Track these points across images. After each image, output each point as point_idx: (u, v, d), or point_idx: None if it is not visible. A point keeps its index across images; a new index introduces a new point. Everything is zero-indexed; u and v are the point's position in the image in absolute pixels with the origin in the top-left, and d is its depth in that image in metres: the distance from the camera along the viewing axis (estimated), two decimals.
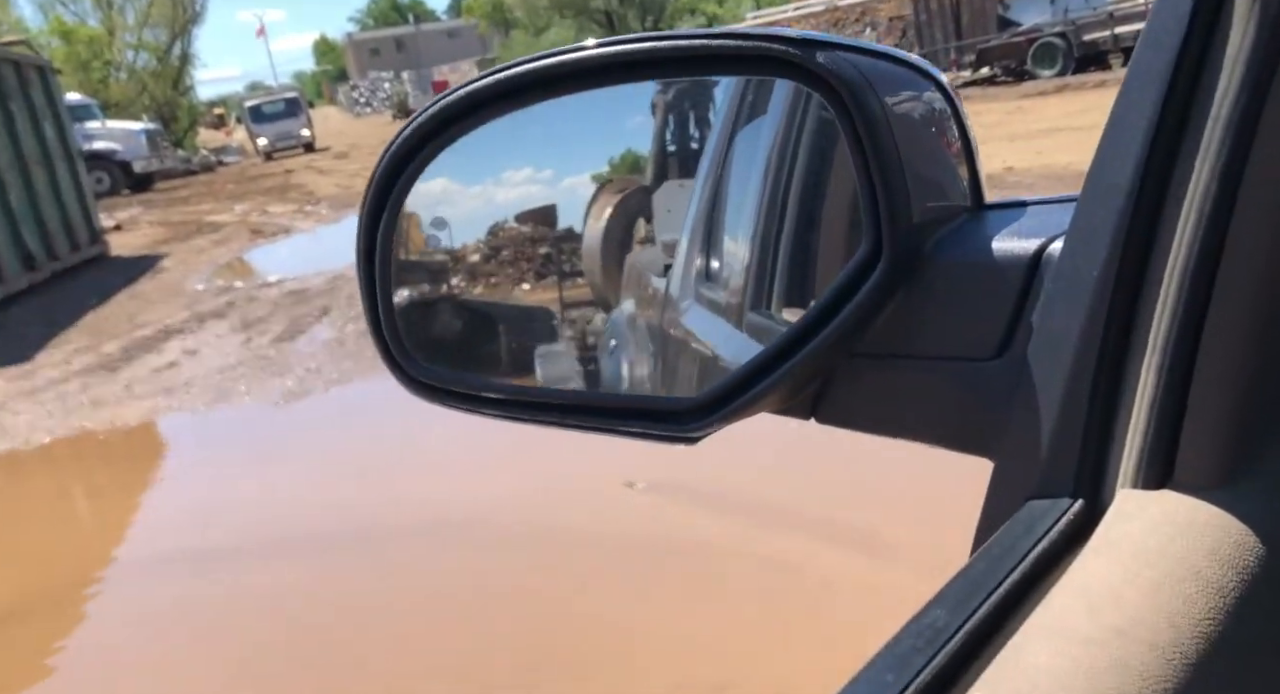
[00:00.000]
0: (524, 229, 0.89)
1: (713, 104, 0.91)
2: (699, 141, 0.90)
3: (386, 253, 0.76)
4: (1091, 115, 11.52)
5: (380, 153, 0.72)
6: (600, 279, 0.94)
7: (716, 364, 0.92)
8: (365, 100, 74.53)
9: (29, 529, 4.82)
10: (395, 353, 0.77)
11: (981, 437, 0.54)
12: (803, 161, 0.80)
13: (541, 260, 0.92)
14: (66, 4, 44.79)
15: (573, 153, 0.81)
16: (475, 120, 0.72)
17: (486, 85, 0.70)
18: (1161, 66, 0.43)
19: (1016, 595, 0.41)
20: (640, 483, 4.03)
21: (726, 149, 0.92)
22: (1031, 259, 0.53)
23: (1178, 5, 0.43)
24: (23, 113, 11.62)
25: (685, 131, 0.90)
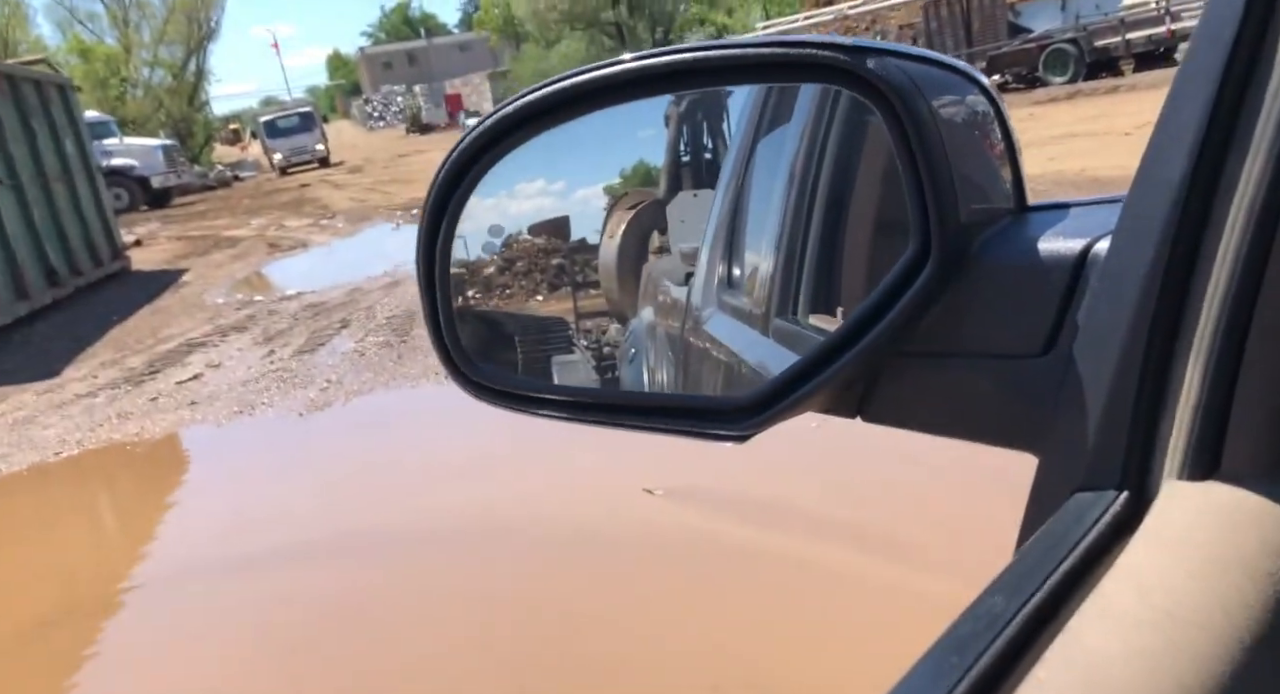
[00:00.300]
0: (538, 241, 0.90)
1: (726, 115, 0.92)
2: (712, 152, 0.91)
3: (445, 263, 0.79)
4: (1104, 121, 11.54)
5: (438, 166, 0.75)
6: (617, 291, 0.95)
7: (743, 369, 0.93)
8: (378, 114, 74.94)
9: (60, 540, 4.92)
10: (456, 358, 0.79)
11: (1027, 432, 0.55)
12: (828, 169, 0.81)
13: (555, 272, 0.93)
14: (84, 23, 45.34)
15: (585, 165, 0.82)
16: (533, 129, 0.73)
17: (546, 95, 0.71)
18: (1213, 64, 0.43)
19: (1069, 582, 0.42)
20: (659, 489, 4.09)
21: (748, 159, 0.93)
22: (1077, 258, 0.54)
23: (1230, 4, 0.43)
24: (44, 130, 11.80)
25: (699, 142, 0.90)
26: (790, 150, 0.87)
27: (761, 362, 0.86)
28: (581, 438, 4.70)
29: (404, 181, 23.73)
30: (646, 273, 0.94)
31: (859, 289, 0.77)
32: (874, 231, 0.77)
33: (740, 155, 0.94)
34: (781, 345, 0.83)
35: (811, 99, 0.84)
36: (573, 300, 0.95)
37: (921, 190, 0.58)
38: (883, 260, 0.73)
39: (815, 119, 0.82)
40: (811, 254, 0.82)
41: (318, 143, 37.39)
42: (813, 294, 0.81)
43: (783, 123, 0.88)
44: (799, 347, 0.78)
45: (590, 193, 0.88)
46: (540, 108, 0.71)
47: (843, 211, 0.78)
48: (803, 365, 0.63)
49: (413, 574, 3.85)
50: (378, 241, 14.64)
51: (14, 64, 13.34)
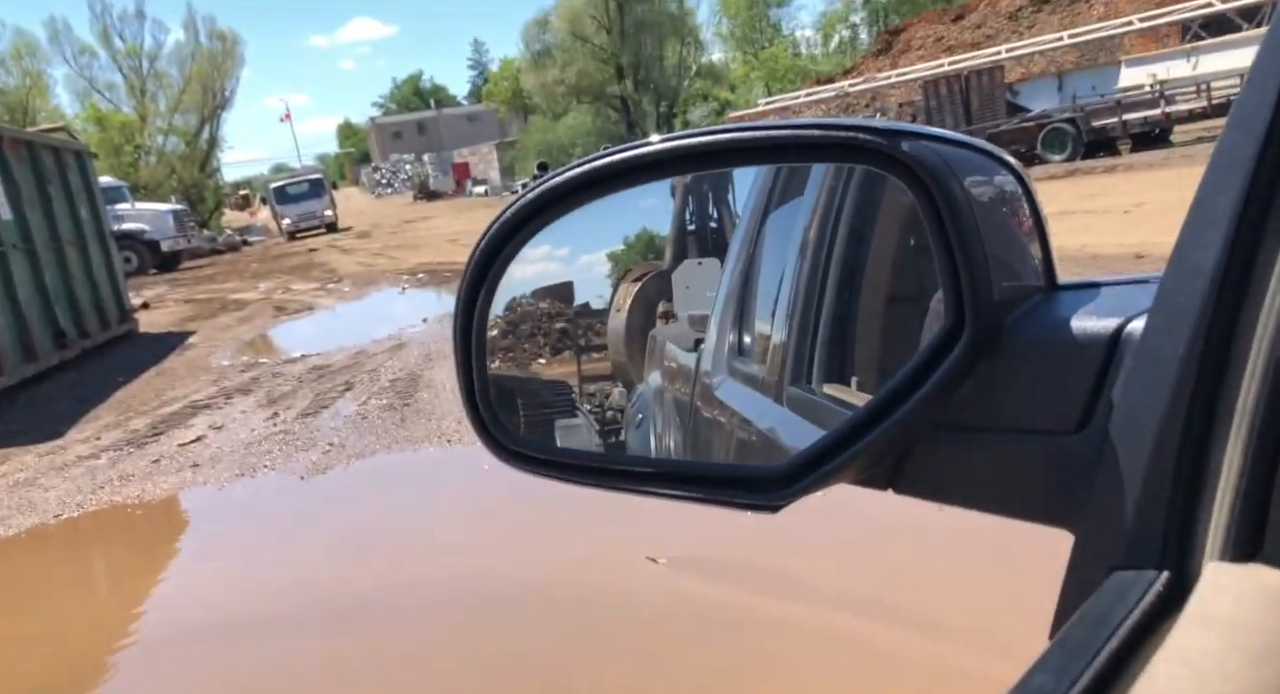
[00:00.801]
0: (542, 305, 0.92)
1: (732, 186, 0.94)
2: (718, 222, 0.93)
3: (482, 331, 0.81)
4: (1102, 199, 11.72)
5: (478, 237, 0.78)
6: (625, 359, 0.97)
7: (756, 437, 0.95)
8: (387, 181, 76.14)
9: (53, 607, 4.86)
10: (488, 424, 0.81)
11: (1062, 509, 0.55)
12: (841, 241, 0.83)
13: (558, 336, 0.95)
14: (103, 92, 46.44)
15: (589, 231, 0.82)
16: (571, 204, 0.76)
17: (586, 171, 0.74)
18: (1246, 153, 0.44)
19: (1117, 663, 0.41)
20: (662, 558, 4.06)
21: (759, 230, 0.96)
22: (1110, 338, 0.55)
23: (1264, 89, 0.44)
24: (60, 195, 12.00)
25: (705, 212, 0.93)
26: (803, 223, 0.89)
27: (776, 429, 0.88)
28: (583, 504, 4.68)
29: (410, 247, 24.00)
30: (653, 338, 0.96)
31: (873, 359, 0.80)
32: (887, 302, 0.79)
33: (751, 227, 0.96)
34: (796, 414, 0.84)
35: (825, 173, 0.86)
36: (576, 364, 0.96)
37: (955, 268, 0.60)
38: (897, 331, 0.76)
39: (829, 193, 0.85)
40: (825, 323, 0.83)
41: (326, 208, 37.94)
42: (827, 363, 0.83)
43: (794, 196, 0.90)
44: (814, 415, 0.79)
45: (594, 259, 0.90)
46: (583, 182, 0.74)
47: (856, 282, 0.80)
48: (836, 436, 0.64)
49: (406, 643, 3.80)
50: (384, 305, 14.76)
51: (34, 131, 13.62)
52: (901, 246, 0.78)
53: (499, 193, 49.71)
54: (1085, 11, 36.17)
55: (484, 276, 0.78)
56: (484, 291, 0.79)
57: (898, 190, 0.73)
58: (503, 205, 0.80)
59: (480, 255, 0.78)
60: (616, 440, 0.95)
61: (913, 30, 42.69)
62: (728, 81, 59.17)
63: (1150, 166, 16.04)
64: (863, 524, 3.93)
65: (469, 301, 0.79)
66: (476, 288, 0.79)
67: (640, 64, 53.11)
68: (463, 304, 0.79)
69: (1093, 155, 19.05)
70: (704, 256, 0.92)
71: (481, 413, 0.81)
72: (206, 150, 47.58)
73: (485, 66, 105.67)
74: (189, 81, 46.41)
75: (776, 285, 0.94)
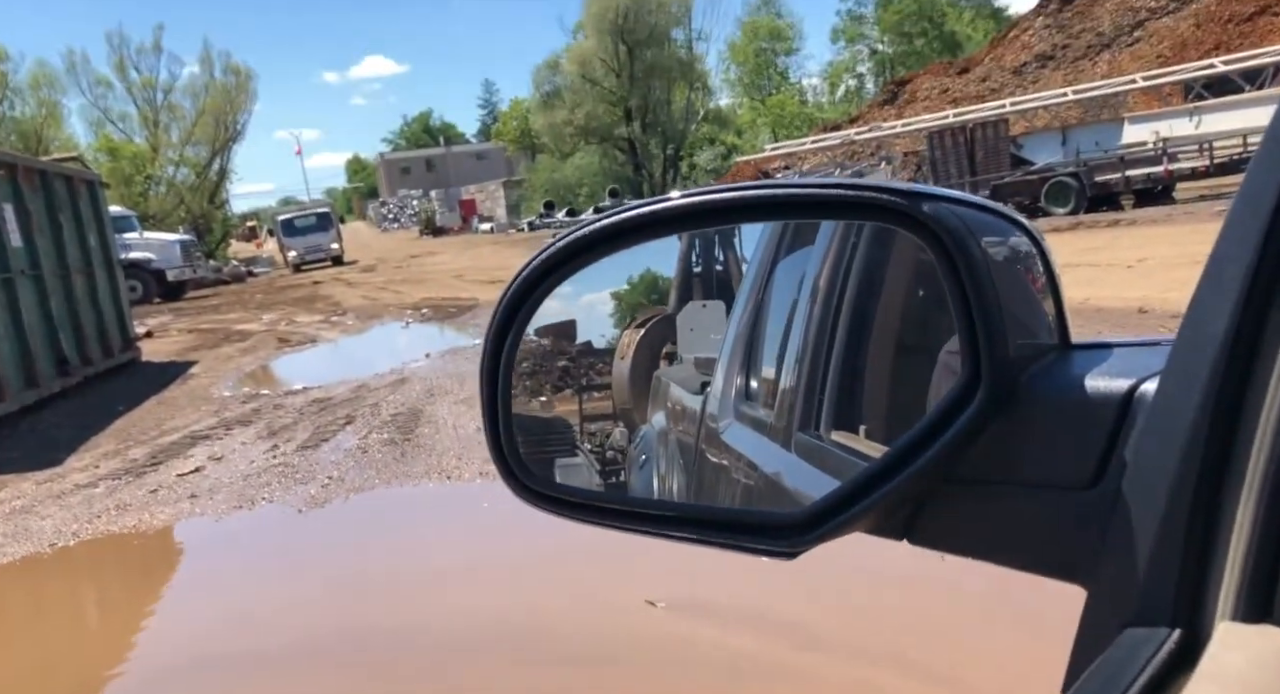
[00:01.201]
0: (544, 342, 0.92)
1: (737, 231, 0.96)
2: (724, 264, 0.94)
3: (508, 375, 0.83)
4: (1105, 253, 11.80)
5: (507, 282, 0.80)
6: (630, 406, 0.97)
7: (764, 482, 0.96)
8: (393, 216, 76.71)
9: (43, 638, 4.81)
10: (512, 464, 0.82)
11: (1074, 563, 0.57)
12: (851, 292, 0.84)
13: (559, 374, 0.96)
14: (116, 122, 46.97)
15: (593, 271, 0.83)
16: (597, 254, 0.78)
17: (614, 223, 0.76)
18: (1258, 221, 0.46)
19: None
20: (661, 602, 4.03)
21: (768, 277, 0.97)
22: (1123, 397, 0.57)
23: (1274, 160, 0.46)
24: (70, 224, 12.10)
25: (710, 255, 0.94)
26: (813, 271, 0.91)
27: (783, 475, 0.89)
28: (581, 544, 4.66)
29: (415, 282, 24.10)
30: (657, 379, 0.96)
31: (881, 407, 0.82)
32: (896, 351, 0.80)
33: (760, 272, 0.97)
34: (804, 460, 0.84)
35: (834, 227, 0.88)
36: (578, 403, 0.97)
37: (972, 325, 0.61)
38: (905, 380, 0.78)
39: (840, 242, 0.86)
40: (835, 371, 0.85)
41: (333, 242, 38.20)
42: (835, 410, 0.84)
43: (804, 244, 0.92)
44: (822, 462, 0.80)
45: (597, 298, 0.91)
46: (610, 233, 0.77)
47: (866, 331, 0.82)
48: (853, 486, 0.65)
49: (394, 683, 3.75)
50: (387, 340, 14.79)
51: (49, 161, 13.78)
52: (910, 297, 0.80)
53: (504, 230, 50.04)
54: (1089, 68, 36.69)
55: (510, 322, 0.80)
56: (511, 336, 0.81)
57: (909, 243, 0.74)
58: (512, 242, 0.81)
59: (508, 301, 0.79)
60: (617, 481, 0.96)
61: (918, 81, 43.25)
62: (734, 126, 59.84)
63: (1153, 222, 16.16)
64: (860, 568, 3.91)
65: (496, 345, 0.81)
66: (504, 333, 0.80)
67: (648, 107, 53.75)
68: (490, 347, 0.81)
69: (1096, 210, 19.18)
70: (709, 299, 0.93)
71: (506, 454, 0.82)
72: (216, 182, 48.02)
73: (495, 106, 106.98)
74: (201, 114, 46.96)
75: (785, 331, 0.96)
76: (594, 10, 51.54)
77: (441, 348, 12.18)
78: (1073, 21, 39.68)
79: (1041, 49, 39.68)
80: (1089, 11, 39.47)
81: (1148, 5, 37.61)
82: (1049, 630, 0.57)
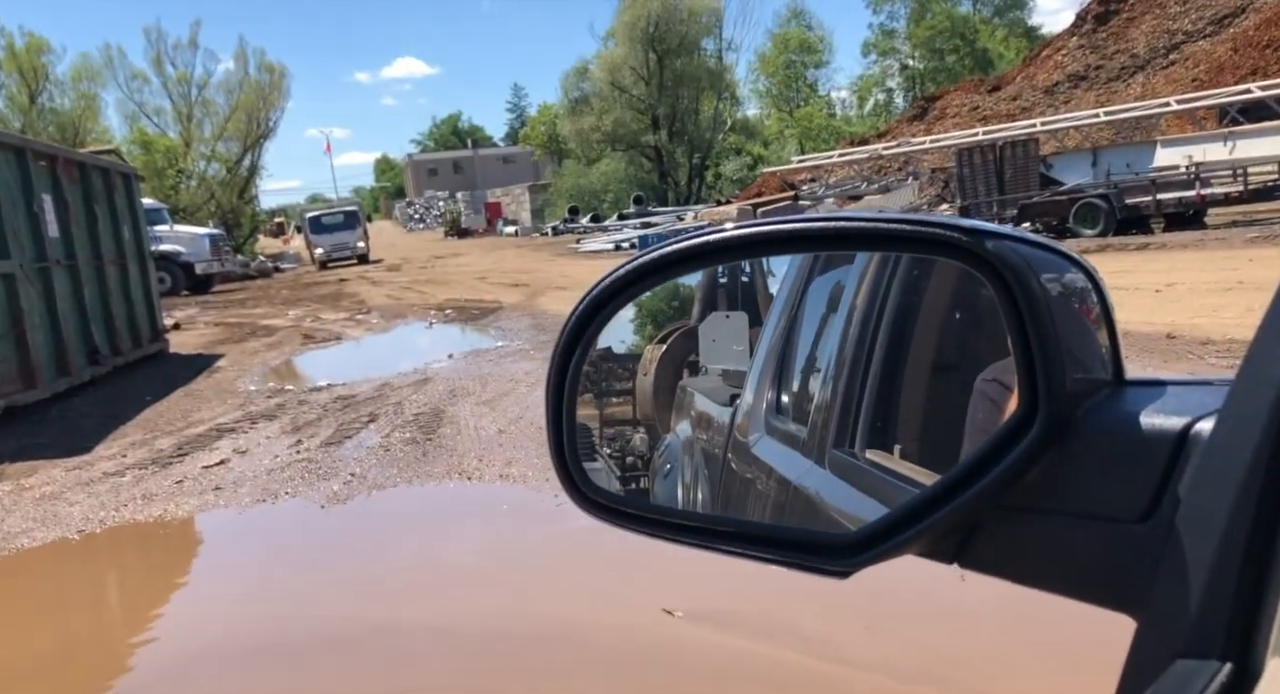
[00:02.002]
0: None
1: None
2: (749, 275, 0.97)
3: (574, 387, 0.85)
4: (1134, 277, 11.70)
5: (578, 300, 0.82)
6: (654, 418, 1.01)
7: (796, 497, 0.98)
8: (419, 217, 77.19)
9: (67, 623, 4.89)
10: (574, 473, 0.85)
11: (1125, 594, 0.58)
12: (889, 314, 0.87)
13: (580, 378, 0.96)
14: (151, 116, 47.54)
15: None
16: (663, 277, 0.81)
17: (684, 249, 0.78)
18: None
19: None
20: (679, 611, 4.05)
21: (802, 293, 0.99)
22: (1178, 435, 0.58)
23: None
24: (105, 215, 12.27)
25: (736, 266, 0.96)
26: (850, 290, 0.92)
27: (817, 492, 0.91)
28: (600, 550, 4.69)
29: (439, 282, 24.24)
30: (682, 389, 0.99)
31: (916, 428, 0.84)
32: (931, 376, 0.82)
33: (794, 289, 0.99)
34: (839, 477, 0.86)
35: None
36: (598, 408, 0.99)
37: (1031, 359, 0.63)
38: (941, 404, 0.80)
39: (879, 263, 0.88)
40: (870, 390, 0.87)
41: (359, 240, 38.49)
42: (870, 429, 0.86)
43: (841, 262, 0.94)
44: (857, 480, 0.82)
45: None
46: (675, 259, 0.79)
47: (902, 353, 0.84)
48: (907, 509, 0.68)
49: (407, 679, 3.79)
50: (411, 339, 14.89)
51: (87, 153, 13.97)
52: (948, 321, 0.82)
53: (528, 233, 50.17)
54: (1122, 90, 36.40)
55: (578, 339, 0.83)
56: (578, 353, 0.84)
57: (949, 268, 0.76)
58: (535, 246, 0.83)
59: (578, 317, 0.83)
60: (637, 487, 0.98)
61: (948, 98, 43.08)
62: (761, 137, 59.84)
63: (1183, 247, 16.01)
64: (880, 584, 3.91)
65: (563, 360, 0.84)
66: (570, 350, 0.83)
67: (676, 116, 53.86)
68: (557, 361, 0.84)
69: (1125, 232, 19.01)
70: (733, 310, 0.95)
71: (568, 464, 0.85)
72: (246, 177, 48.49)
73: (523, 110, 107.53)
74: (235, 110, 47.45)
75: (820, 348, 0.97)
76: (625, 18, 51.74)
77: (464, 349, 12.26)
78: (1107, 42, 39.42)
79: (1074, 69, 39.44)
80: (1124, 33, 39.21)
81: (1184, 28, 37.32)
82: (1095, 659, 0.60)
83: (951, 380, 0.79)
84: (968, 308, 0.78)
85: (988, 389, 0.70)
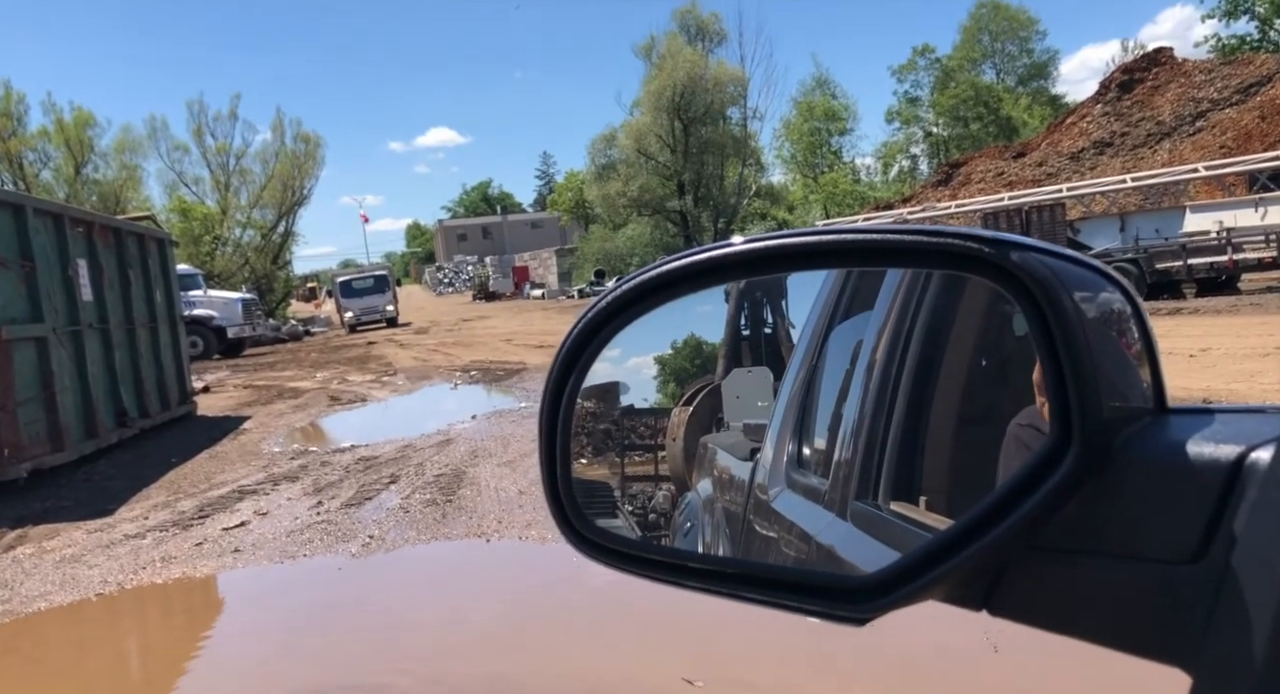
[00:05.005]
0: (587, 404, 0.90)
1: (785, 292, 0.94)
2: (772, 328, 0.93)
3: (568, 424, 0.82)
4: (1166, 342, 11.41)
5: (567, 330, 0.78)
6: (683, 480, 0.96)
7: (816, 551, 0.93)
8: (449, 280, 78.35)
9: (83, 682, 4.83)
10: (569, 512, 0.81)
11: (1174, 645, 0.52)
12: (911, 360, 0.82)
13: (601, 436, 0.95)
14: (189, 185, 48.89)
15: (640, 333, 0.82)
16: (664, 297, 0.76)
17: (684, 265, 0.73)
18: None
19: None
20: (699, 681, 3.92)
21: (822, 342, 0.96)
22: (1231, 466, 0.52)
23: None
24: (139, 280, 12.51)
25: (759, 317, 0.93)
26: (872, 338, 0.89)
27: (838, 545, 0.86)
28: (621, 613, 4.58)
29: (466, 345, 24.41)
30: (704, 445, 0.95)
31: (943, 479, 0.78)
32: (958, 424, 0.77)
33: (814, 338, 0.96)
34: (861, 530, 0.82)
35: (896, 290, 0.86)
36: (620, 466, 0.96)
37: (1063, 381, 0.58)
38: (970, 452, 0.74)
39: (901, 310, 0.84)
40: (894, 440, 0.82)
41: (388, 304, 39.09)
42: (894, 480, 0.81)
43: (860, 310, 0.90)
44: (880, 532, 0.77)
45: (642, 361, 0.90)
46: (675, 277, 0.74)
47: (927, 401, 0.79)
48: (929, 549, 0.61)
49: None
50: (435, 400, 14.92)
51: (122, 219, 14.33)
52: (973, 368, 0.78)
53: (555, 296, 50.68)
54: (1148, 156, 36.53)
55: (574, 363, 0.79)
56: (573, 378, 0.79)
57: (974, 309, 0.72)
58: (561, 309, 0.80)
59: (573, 341, 0.78)
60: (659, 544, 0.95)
61: (973, 164, 43.40)
62: (786, 202, 60.40)
63: (1217, 312, 15.81)
64: (897, 650, 3.77)
65: (558, 385, 0.80)
66: (566, 374, 0.79)
67: (701, 181, 54.53)
68: (551, 387, 0.80)
69: (1156, 297, 18.85)
70: (756, 364, 0.92)
71: (564, 503, 0.81)
72: (280, 243, 49.52)
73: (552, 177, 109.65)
74: (270, 179, 48.69)
75: (841, 397, 0.94)
76: (651, 88, 52.81)
77: (488, 410, 12.25)
78: (1132, 110, 39.69)
79: (1100, 136, 39.67)
80: (1149, 101, 39.48)
81: (1209, 96, 37.53)
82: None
83: (981, 428, 0.74)
84: (995, 353, 0.74)
85: (1022, 434, 0.64)
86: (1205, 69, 39.51)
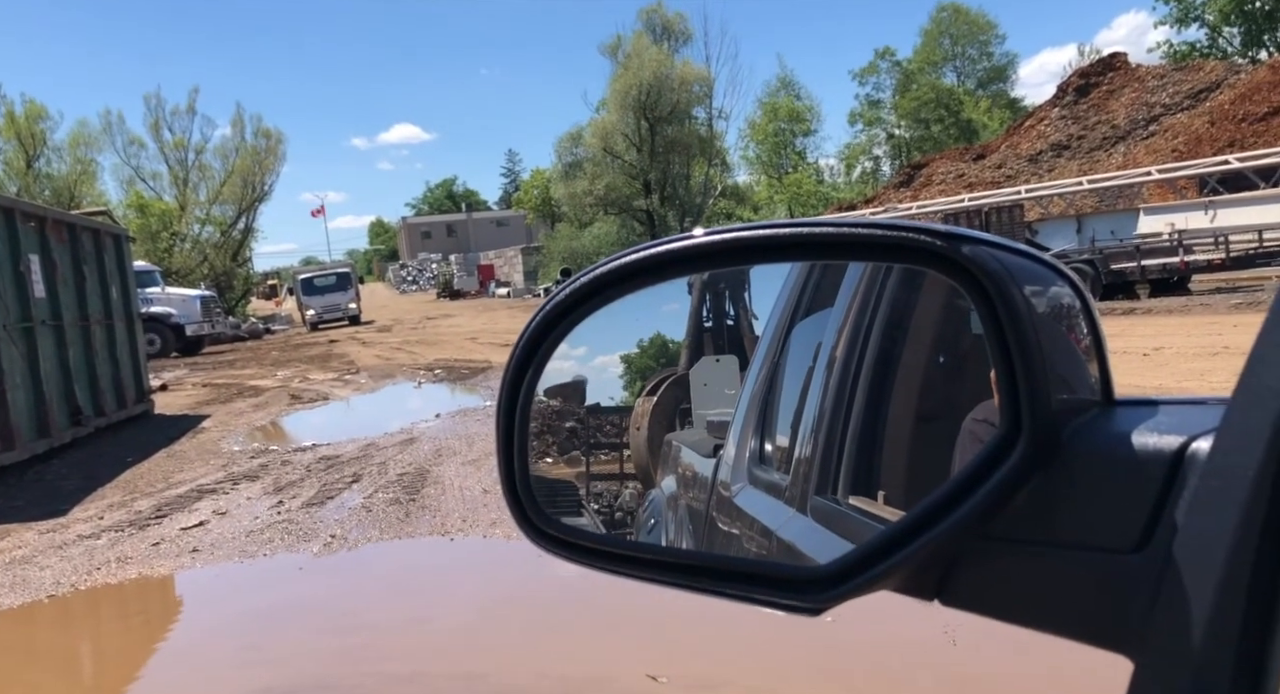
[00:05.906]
0: (553, 403, 0.91)
1: (747, 284, 0.96)
2: (734, 319, 0.94)
3: (525, 418, 0.81)
4: (1120, 341, 11.75)
5: (521, 329, 0.78)
6: (647, 471, 0.97)
7: (777, 546, 0.94)
8: (412, 278, 77.69)
9: (35, 686, 4.73)
10: (526, 506, 0.81)
11: (1119, 632, 0.53)
12: (870, 357, 0.83)
13: (567, 434, 0.96)
14: (147, 180, 48.00)
15: (607, 333, 0.82)
16: (624, 289, 0.76)
17: (641, 259, 0.73)
18: None
19: None
20: (663, 677, 3.94)
21: (784, 339, 0.97)
22: (1173, 455, 0.53)
23: None
24: (94, 276, 12.26)
25: (721, 309, 0.94)
26: (832, 335, 0.90)
27: (798, 540, 0.87)
28: (585, 610, 4.58)
29: (429, 343, 24.22)
30: (668, 443, 0.96)
31: (901, 474, 0.80)
32: (915, 419, 0.79)
33: (776, 335, 0.97)
34: (820, 524, 0.83)
35: (856, 287, 0.87)
36: (585, 464, 0.96)
37: (1013, 373, 0.58)
38: (926, 447, 0.76)
39: (860, 307, 0.85)
40: (853, 436, 0.83)
41: (351, 301, 38.70)
42: (853, 475, 0.82)
43: (822, 306, 0.91)
44: (839, 526, 0.78)
45: (608, 360, 0.91)
46: (634, 270, 0.74)
47: (885, 396, 0.80)
48: (883, 539, 0.62)
49: None
50: (399, 399, 14.80)
51: (77, 215, 14.04)
52: (931, 364, 0.79)
53: (520, 295, 50.47)
54: (1104, 159, 37.21)
55: (529, 361, 0.79)
56: (529, 376, 0.79)
57: (931, 307, 0.74)
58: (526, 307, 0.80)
59: (532, 332, 0.78)
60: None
61: (934, 165, 43.92)
62: (751, 202, 60.67)
63: (1169, 312, 16.15)
64: (866, 644, 3.81)
65: (513, 386, 0.80)
66: (524, 366, 0.79)
67: (667, 181, 54.54)
68: (507, 389, 0.80)
69: (1110, 298, 19.20)
70: (721, 354, 0.92)
71: (521, 498, 0.81)
72: (240, 240, 48.78)
73: (517, 175, 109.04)
74: (230, 174, 47.95)
75: (802, 394, 0.94)
76: (617, 87, 52.73)
77: (452, 409, 12.18)
78: (1088, 114, 40.41)
79: (1057, 139, 40.33)
80: (1104, 105, 40.22)
81: (1162, 101, 38.33)
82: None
83: (937, 424, 0.75)
84: (952, 350, 0.75)
85: (976, 429, 0.65)
86: (1158, 74, 40.34)
